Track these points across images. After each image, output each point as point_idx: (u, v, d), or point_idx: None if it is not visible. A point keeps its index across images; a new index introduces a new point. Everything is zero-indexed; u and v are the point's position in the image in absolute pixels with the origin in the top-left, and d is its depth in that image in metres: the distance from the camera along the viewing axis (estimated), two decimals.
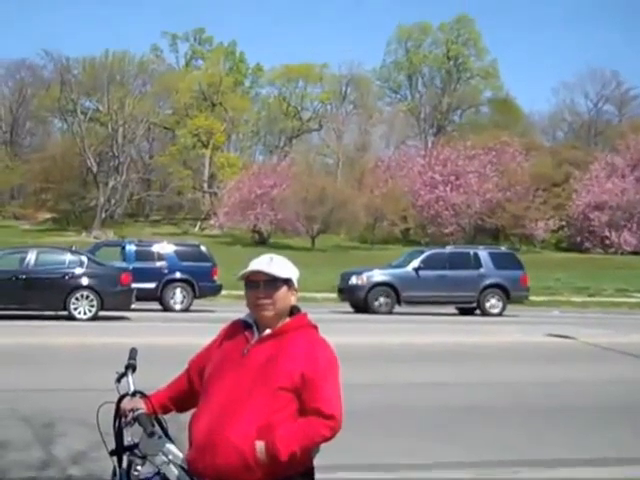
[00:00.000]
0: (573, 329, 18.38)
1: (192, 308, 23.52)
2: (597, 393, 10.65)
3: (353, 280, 24.57)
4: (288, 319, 3.30)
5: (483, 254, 25.24)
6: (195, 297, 23.84)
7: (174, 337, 15.10)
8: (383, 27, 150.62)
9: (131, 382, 3.58)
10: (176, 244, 25.63)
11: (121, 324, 18.80)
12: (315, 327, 3.34)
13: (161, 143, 76.26)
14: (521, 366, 13.01)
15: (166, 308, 23.28)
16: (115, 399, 3.51)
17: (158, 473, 3.36)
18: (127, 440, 3.46)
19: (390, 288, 24.23)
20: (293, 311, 3.33)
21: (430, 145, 72.59)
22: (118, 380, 3.60)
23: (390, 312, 23.95)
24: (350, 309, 24.99)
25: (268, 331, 3.26)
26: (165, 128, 74.17)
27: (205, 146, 70.58)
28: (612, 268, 45.62)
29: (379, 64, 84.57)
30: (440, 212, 59.37)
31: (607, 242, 59.43)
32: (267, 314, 3.24)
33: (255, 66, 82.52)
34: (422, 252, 25.68)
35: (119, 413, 3.46)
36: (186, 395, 3.48)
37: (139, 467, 3.39)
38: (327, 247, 55.61)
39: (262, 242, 57.40)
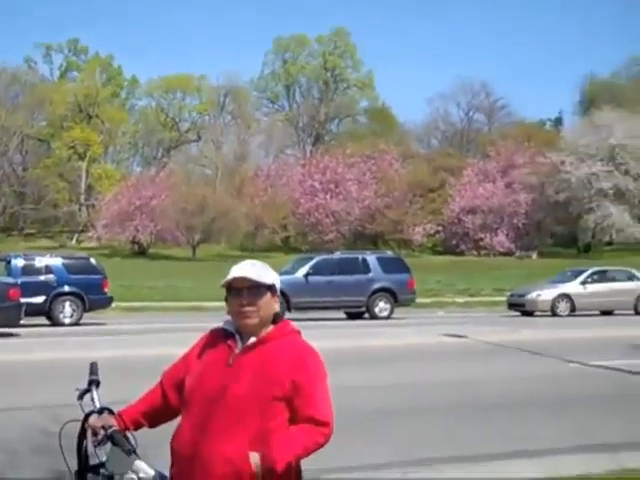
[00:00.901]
0: (464, 328, 19.06)
1: (82, 321, 23.08)
2: (505, 388, 11.07)
3: None
4: (271, 326, 3.17)
5: (371, 259, 25.72)
6: (85, 310, 23.38)
7: (66, 352, 14.80)
8: (261, 39, 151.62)
9: (96, 398, 3.39)
10: (64, 257, 24.96)
11: (10, 341, 18.09)
12: (299, 332, 3.24)
13: (35, 155, 74.21)
14: (425, 365, 13.34)
15: (55, 322, 22.67)
16: (74, 416, 3.32)
17: None
18: (93, 459, 3.28)
19: (280, 295, 24.34)
20: (275, 318, 3.20)
21: (309, 154, 73.52)
22: (80, 397, 3.41)
23: None
24: None
25: (253, 339, 3.12)
26: (39, 140, 72.40)
27: (82, 158, 69.30)
28: (487, 269, 47.37)
29: (257, 75, 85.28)
30: (320, 219, 60.08)
31: (481, 244, 61.66)
32: (251, 322, 3.11)
33: (131, 77, 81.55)
34: (311, 258, 25.93)
35: (85, 431, 3.28)
36: (160, 409, 3.32)
37: None
38: (208, 256, 55.49)
39: (142, 253, 56.90)
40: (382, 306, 24.96)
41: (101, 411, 3.31)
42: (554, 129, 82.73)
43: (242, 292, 3.11)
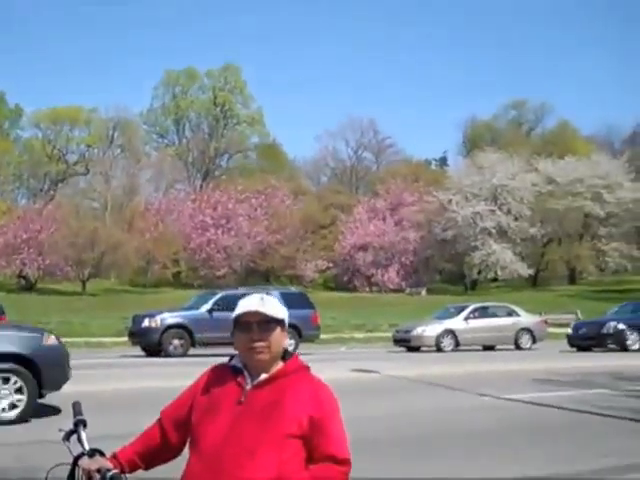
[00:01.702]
0: (371, 364, 19.33)
1: None
2: (424, 422, 11.34)
3: (146, 323, 24.33)
4: (281, 362, 3.07)
5: (275, 294, 25.73)
6: None
7: None
8: (151, 72, 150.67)
9: (85, 439, 3.20)
10: None
11: None
12: (308, 368, 3.14)
13: None
14: (350, 400, 13.48)
15: None
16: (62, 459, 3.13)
17: None
18: None
19: (184, 330, 24.27)
20: (285, 353, 3.11)
21: (199, 189, 73.28)
22: (67, 438, 3.22)
23: (185, 354, 23.93)
24: (141, 353, 24.75)
25: (264, 376, 3.01)
26: None
27: None
28: (379, 305, 48.21)
29: (146, 108, 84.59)
30: (212, 255, 59.90)
31: (372, 281, 62.61)
32: (262, 357, 3.00)
33: (15, 107, 79.63)
34: (215, 294, 25.74)
35: (74, 474, 3.11)
36: (158, 450, 3.17)
37: None
38: (98, 291, 54.54)
39: (29, 288, 55.33)
40: (287, 342, 24.95)
41: (92, 453, 3.13)
42: (439, 168, 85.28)
43: (252, 327, 3.00)
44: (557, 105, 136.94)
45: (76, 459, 3.13)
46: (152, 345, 24.28)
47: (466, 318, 28.55)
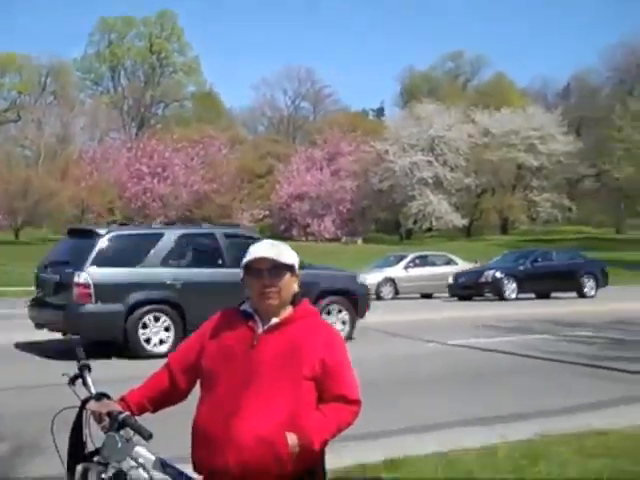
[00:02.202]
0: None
1: None
2: (374, 368, 11.51)
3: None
4: (290, 307, 3.16)
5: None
6: None
7: None
8: (87, 18, 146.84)
9: (91, 383, 3.23)
10: None
11: None
12: (317, 312, 3.26)
13: None
14: None
15: None
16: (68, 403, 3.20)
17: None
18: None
19: None
20: (294, 298, 3.18)
21: (134, 138, 72.16)
22: (72, 382, 3.25)
23: None
24: None
25: (276, 320, 3.10)
26: None
27: None
28: (316, 254, 48.27)
29: (81, 55, 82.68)
30: (148, 204, 59.21)
31: (308, 230, 62.80)
32: (272, 302, 3.08)
33: None
34: None
35: (82, 418, 3.15)
36: (166, 394, 3.24)
37: (103, 475, 3.05)
38: (33, 240, 53.60)
39: None
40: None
41: (99, 396, 3.18)
42: (377, 119, 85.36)
43: (262, 273, 3.07)
44: (493, 57, 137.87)
45: (83, 403, 3.18)
46: None
47: (406, 267, 28.96)
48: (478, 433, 7.49)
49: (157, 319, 12.73)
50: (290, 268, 3.13)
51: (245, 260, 3.11)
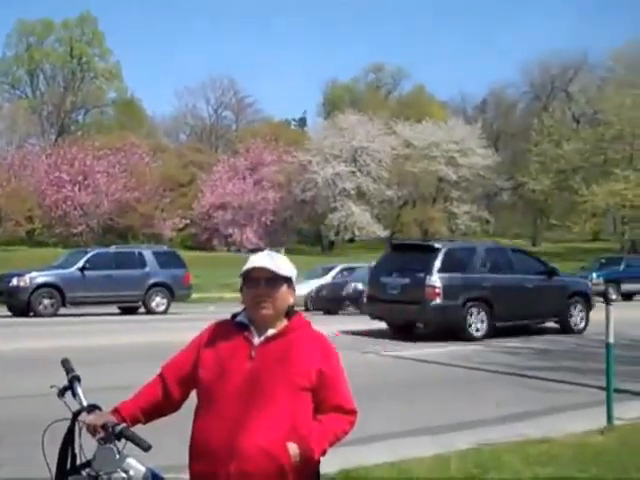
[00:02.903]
0: None
1: None
2: None
3: (14, 282, 23.60)
4: (285, 319, 3.19)
5: (147, 253, 25.59)
6: None
7: None
8: (4, 20, 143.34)
9: (82, 395, 3.24)
10: None
11: None
12: (310, 323, 3.28)
13: None
14: None
15: None
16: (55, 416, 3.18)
17: None
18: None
19: (55, 289, 23.67)
20: (289, 310, 3.21)
21: (54, 144, 70.75)
22: (62, 394, 3.25)
23: (55, 314, 23.44)
24: (8, 313, 24.12)
25: (272, 331, 3.13)
26: None
27: None
28: (239, 265, 47.03)
29: None
30: (68, 212, 58.11)
31: (230, 240, 62.66)
32: (267, 312, 3.10)
33: None
34: (86, 252, 25.21)
35: (73, 430, 3.14)
36: (159, 405, 3.24)
37: None
38: None
39: None
40: (159, 301, 24.94)
41: (91, 408, 3.17)
42: (299, 129, 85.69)
43: (259, 283, 3.10)
44: (414, 70, 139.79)
45: (75, 415, 3.16)
46: (20, 304, 23.62)
47: (334, 278, 29.16)
48: (423, 443, 7.68)
49: (478, 312, 17.00)
50: (287, 280, 3.16)
51: (243, 269, 3.16)
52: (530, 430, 8.22)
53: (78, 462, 3.14)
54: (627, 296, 34.30)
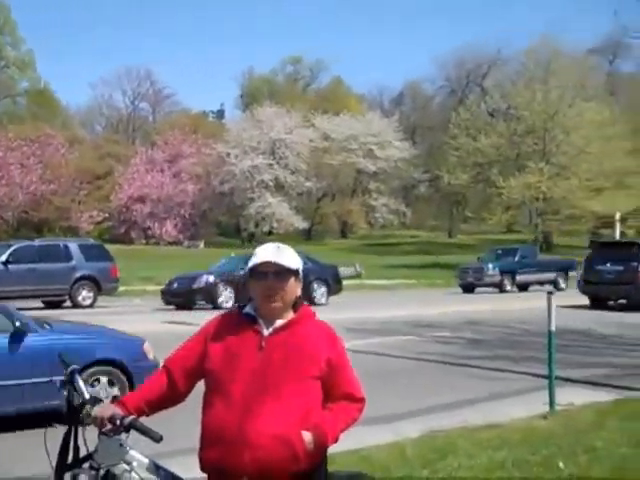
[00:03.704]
0: (178, 316, 19.59)
1: None
2: None
3: None
4: (291, 310, 3.24)
5: (73, 246, 25.08)
6: None
7: None
8: None
9: (83, 388, 3.26)
10: None
11: None
12: (314, 314, 3.33)
13: None
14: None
15: None
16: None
17: None
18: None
19: None
20: (296, 302, 3.26)
21: None
22: (63, 387, 3.31)
23: None
24: None
25: (280, 322, 3.18)
26: None
27: None
28: (159, 258, 47.93)
29: None
30: None
31: (149, 233, 62.05)
32: (276, 305, 3.15)
33: None
34: (9, 245, 24.50)
35: (77, 423, 3.17)
36: (165, 397, 3.28)
37: None
38: None
39: None
40: (85, 294, 24.52)
41: (94, 401, 3.19)
42: (217, 121, 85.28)
43: (268, 276, 3.14)
44: (332, 62, 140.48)
45: (78, 408, 3.18)
46: None
47: None
48: (376, 431, 7.87)
49: None
50: (294, 272, 3.19)
51: (251, 263, 3.18)
52: (475, 416, 8.51)
53: (81, 455, 3.14)
54: (523, 287, 34.82)
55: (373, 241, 68.15)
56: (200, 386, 3.30)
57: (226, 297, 23.56)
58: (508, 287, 34.21)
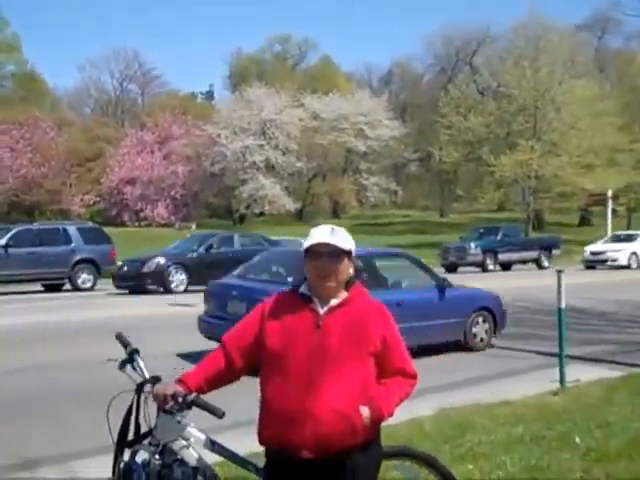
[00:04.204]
0: (183, 297, 19.61)
1: None
2: None
3: None
4: (344, 289, 3.34)
5: (72, 229, 25.15)
6: None
7: None
8: None
9: (143, 367, 3.42)
10: None
11: None
12: (367, 292, 3.44)
13: None
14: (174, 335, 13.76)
15: None
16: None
17: (172, 461, 3.24)
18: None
19: None
20: (348, 281, 3.37)
21: None
22: (122, 367, 3.44)
23: None
24: None
25: (335, 301, 3.30)
26: None
27: None
28: (152, 240, 47.82)
29: None
30: None
31: (141, 215, 61.91)
32: (330, 284, 3.26)
33: None
34: (9, 229, 24.50)
35: (139, 401, 3.33)
36: (223, 375, 3.39)
37: (157, 456, 3.23)
38: None
39: None
40: (85, 277, 24.60)
41: (154, 380, 3.32)
42: (207, 102, 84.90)
43: (322, 256, 3.25)
44: (321, 41, 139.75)
45: (139, 387, 3.33)
46: None
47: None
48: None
49: None
50: (348, 253, 3.31)
51: (306, 244, 3.30)
52: (485, 393, 8.67)
53: (142, 432, 3.30)
54: (505, 266, 34.81)
55: (365, 221, 68.19)
56: None
57: (178, 281, 23.02)
58: (490, 266, 34.23)
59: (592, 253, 36.44)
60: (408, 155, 71.13)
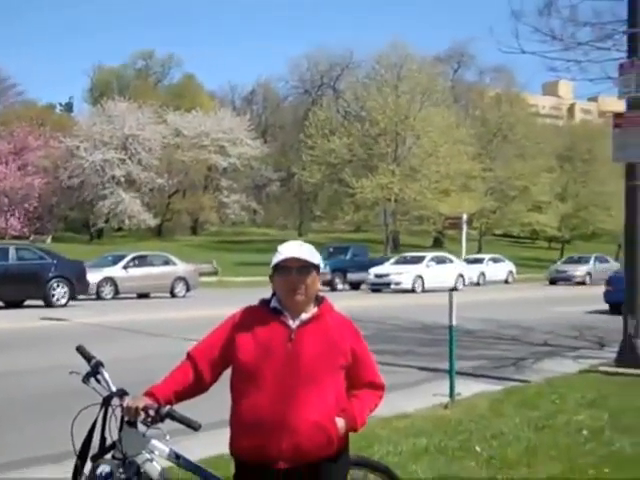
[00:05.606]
0: (53, 312, 19.12)
1: None
2: (155, 367, 11.89)
3: None
4: (312, 303, 3.40)
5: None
6: None
7: None
8: None
9: (109, 380, 3.37)
10: None
11: None
12: (333, 307, 3.50)
13: None
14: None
15: None
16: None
17: (135, 474, 3.22)
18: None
19: None
20: (317, 295, 3.43)
21: None
22: (87, 379, 3.37)
23: None
24: None
25: (306, 315, 3.35)
26: None
27: None
28: None
29: None
30: None
31: None
32: (300, 299, 3.31)
33: None
34: None
35: (106, 414, 3.27)
36: (191, 388, 3.39)
37: (120, 469, 3.20)
38: None
39: None
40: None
41: (122, 393, 3.28)
42: (65, 113, 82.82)
43: (292, 271, 3.30)
44: (186, 59, 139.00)
45: (106, 400, 3.27)
46: None
47: (125, 266, 28.97)
48: None
49: None
50: (316, 267, 3.38)
51: (276, 260, 3.35)
52: (382, 407, 8.89)
53: (106, 445, 3.26)
54: (354, 286, 35.14)
55: (225, 238, 68.28)
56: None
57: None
58: (340, 285, 34.58)
59: (376, 275, 34.19)
60: (269, 174, 71.70)
